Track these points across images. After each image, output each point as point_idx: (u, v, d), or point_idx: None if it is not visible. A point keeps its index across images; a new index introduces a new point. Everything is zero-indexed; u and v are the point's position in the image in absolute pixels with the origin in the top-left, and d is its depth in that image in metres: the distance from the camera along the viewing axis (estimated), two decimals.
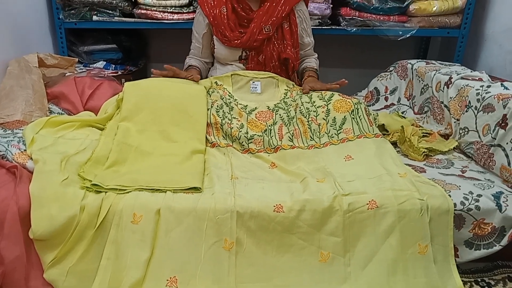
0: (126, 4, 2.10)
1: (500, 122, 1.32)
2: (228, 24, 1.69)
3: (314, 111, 1.54)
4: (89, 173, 1.19)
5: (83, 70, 2.11)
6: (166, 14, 2.11)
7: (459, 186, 1.22)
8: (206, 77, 1.83)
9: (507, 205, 1.16)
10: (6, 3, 1.69)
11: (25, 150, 1.24)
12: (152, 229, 1.10)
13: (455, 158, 1.45)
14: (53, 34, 2.14)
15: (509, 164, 1.26)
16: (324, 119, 1.51)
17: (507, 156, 1.28)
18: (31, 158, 1.19)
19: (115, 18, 2.11)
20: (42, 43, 2.06)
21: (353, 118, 1.50)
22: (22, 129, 1.34)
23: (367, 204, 1.13)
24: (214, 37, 1.75)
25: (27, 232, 1.06)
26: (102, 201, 1.11)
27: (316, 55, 1.88)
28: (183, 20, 2.11)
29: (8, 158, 1.21)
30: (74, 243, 1.09)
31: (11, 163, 1.18)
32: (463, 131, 1.48)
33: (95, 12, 2.10)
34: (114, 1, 2.08)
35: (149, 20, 2.12)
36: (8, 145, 1.24)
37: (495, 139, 1.33)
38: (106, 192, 1.14)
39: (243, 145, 1.47)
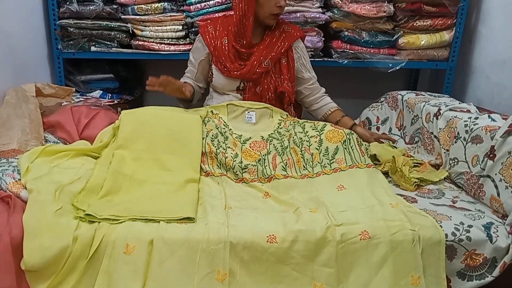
0: (124, 35, 2.15)
1: (489, 153, 1.35)
2: (229, 55, 1.74)
3: (307, 141, 1.57)
4: (83, 203, 1.19)
5: (80, 99, 2.14)
6: (163, 45, 2.17)
7: (450, 216, 1.24)
8: (198, 100, 1.87)
9: (498, 236, 1.18)
10: (6, 33, 1.74)
11: (19, 179, 1.24)
12: (145, 260, 1.10)
13: (446, 188, 1.47)
14: (51, 63, 2.18)
15: (498, 194, 1.29)
16: (317, 148, 1.54)
17: (496, 187, 1.30)
18: (26, 188, 1.20)
19: (113, 49, 2.16)
20: (40, 73, 2.10)
21: (345, 148, 1.53)
22: (18, 158, 1.35)
23: (360, 234, 1.14)
24: (213, 66, 1.79)
25: (19, 262, 1.05)
26: (95, 232, 1.11)
27: (324, 90, 1.92)
28: (179, 51, 2.16)
29: (2, 187, 1.21)
30: (66, 274, 1.07)
31: (5, 193, 1.18)
32: (453, 161, 1.50)
33: (94, 43, 2.15)
34: (113, 33, 2.13)
35: (146, 51, 2.17)
36: (2, 174, 1.25)
37: (484, 170, 1.35)
38: (99, 222, 1.14)
39: (237, 174, 1.48)
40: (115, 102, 2.25)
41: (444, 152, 1.57)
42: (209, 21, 1.95)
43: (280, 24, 1.81)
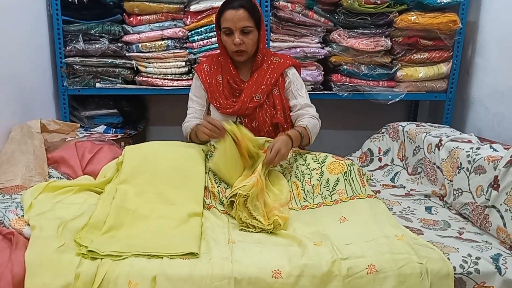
0: (129, 72, 2.21)
1: (492, 183, 1.34)
2: (223, 92, 1.75)
3: (308, 174, 1.57)
4: (85, 239, 1.18)
5: (84, 134, 2.16)
6: (166, 81, 2.21)
7: (458, 248, 1.22)
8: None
9: (507, 268, 1.15)
10: (13, 71, 1.78)
11: (22, 215, 1.24)
12: None
13: (451, 219, 1.46)
14: (56, 100, 2.23)
15: (504, 225, 1.27)
16: (317, 180, 1.55)
17: (502, 217, 1.29)
18: (29, 224, 1.19)
19: (117, 85, 2.21)
20: (46, 109, 2.14)
21: (346, 180, 1.53)
22: (21, 194, 1.35)
23: (366, 268, 1.12)
24: (211, 104, 1.81)
25: None
26: (97, 268, 1.10)
27: (311, 113, 1.75)
28: (182, 86, 2.21)
29: (5, 224, 1.20)
30: None
31: (8, 230, 1.17)
32: (457, 192, 1.50)
33: (98, 80, 2.20)
34: (117, 70, 2.19)
35: (150, 87, 2.22)
36: (5, 210, 1.24)
37: (489, 200, 1.35)
38: (102, 258, 1.13)
39: None
40: (119, 136, 2.27)
41: (448, 183, 1.56)
42: (204, 59, 1.98)
43: (268, 57, 1.78)
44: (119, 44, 2.16)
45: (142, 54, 2.18)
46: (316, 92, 2.24)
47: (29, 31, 1.98)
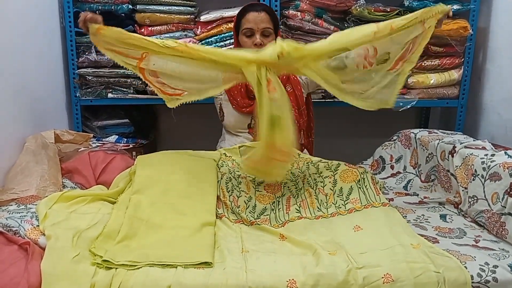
0: (140, 82, 2.22)
1: (508, 190, 1.33)
2: (241, 90, 1.78)
3: (321, 182, 1.57)
4: (100, 249, 1.19)
5: (96, 144, 2.18)
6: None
7: (474, 257, 1.21)
8: None
9: None
10: (27, 82, 1.80)
11: (38, 225, 1.24)
12: None
13: (466, 227, 1.44)
14: (69, 111, 2.25)
15: None
16: (331, 189, 1.54)
17: None
18: (44, 234, 1.20)
19: (129, 95, 2.23)
20: (59, 119, 2.16)
21: (360, 188, 1.53)
22: (36, 204, 1.36)
23: (383, 277, 1.11)
24: (223, 104, 1.82)
25: None
26: (112, 278, 1.10)
27: None
28: None
29: (21, 234, 1.21)
30: None
31: (24, 239, 1.18)
32: (472, 199, 1.48)
33: (110, 90, 2.23)
34: (129, 80, 2.21)
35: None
36: (21, 220, 1.25)
37: (505, 207, 1.33)
38: (116, 268, 1.13)
39: (250, 220, 1.47)
40: (130, 146, 2.28)
41: (463, 190, 1.54)
42: None
43: None
44: None
45: None
46: (326, 100, 2.23)
47: (42, 43, 2.01)
